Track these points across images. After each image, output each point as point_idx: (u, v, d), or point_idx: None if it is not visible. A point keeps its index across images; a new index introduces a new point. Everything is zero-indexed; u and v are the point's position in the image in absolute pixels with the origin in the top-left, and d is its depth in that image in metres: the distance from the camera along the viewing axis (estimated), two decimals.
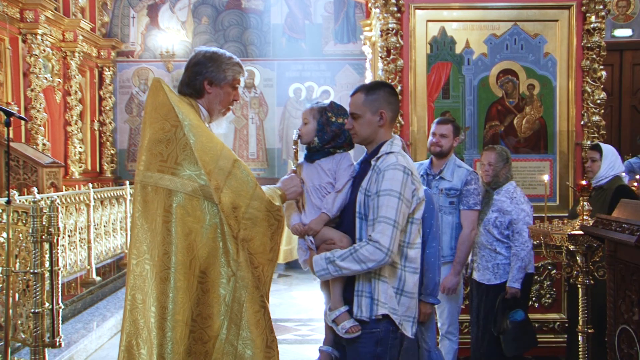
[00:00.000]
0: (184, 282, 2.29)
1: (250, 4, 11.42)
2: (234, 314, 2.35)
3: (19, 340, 4.02)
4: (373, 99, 2.57)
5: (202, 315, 2.33)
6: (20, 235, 3.95)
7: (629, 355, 2.55)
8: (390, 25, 5.03)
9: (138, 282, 2.37)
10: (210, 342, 2.34)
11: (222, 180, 2.34)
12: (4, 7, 8.02)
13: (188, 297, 2.29)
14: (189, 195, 2.30)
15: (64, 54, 9.77)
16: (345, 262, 2.40)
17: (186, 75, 2.56)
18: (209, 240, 2.32)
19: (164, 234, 2.30)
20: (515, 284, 4.11)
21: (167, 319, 2.27)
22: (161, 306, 2.28)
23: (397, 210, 2.40)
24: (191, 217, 2.31)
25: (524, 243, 4.12)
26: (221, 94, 2.55)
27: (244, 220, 2.35)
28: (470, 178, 4.04)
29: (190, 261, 2.30)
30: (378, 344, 2.49)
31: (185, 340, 2.29)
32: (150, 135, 2.39)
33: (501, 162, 4.24)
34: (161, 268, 2.29)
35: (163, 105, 2.38)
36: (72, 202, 6.39)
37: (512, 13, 5.13)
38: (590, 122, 5.05)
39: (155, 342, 2.28)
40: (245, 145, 11.44)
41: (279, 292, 7.80)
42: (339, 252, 2.44)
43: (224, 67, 2.53)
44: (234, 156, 2.41)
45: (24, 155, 7.47)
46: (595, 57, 5.04)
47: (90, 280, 6.76)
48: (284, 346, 5.45)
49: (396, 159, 2.48)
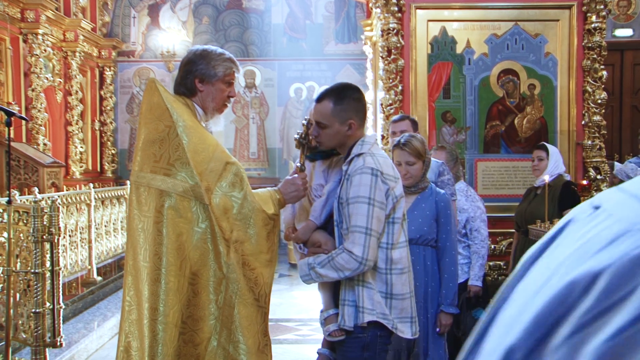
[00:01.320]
0: (175, 283, 2.27)
1: (251, 4, 11.42)
2: (225, 317, 2.32)
3: (20, 340, 4.02)
4: (341, 109, 2.43)
5: (193, 317, 2.31)
6: (21, 235, 3.95)
7: None
8: (391, 25, 5.03)
9: (134, 283, 2.37)
10: (202, 344, 2.31)
11: (213, 182, 2.32)
12: (5, 7, 8.02)
13: (178, 298, 2.28)
14: (181, 196, 2.29)
15: (65, 54, 9.77)
16: (324, 270, 2.35)
17: (179, 74, 2.54)
18: (199, 242, 2.30)
19: (154, 235, 2.29)
20: (478, 282, 4.06)
21: (158, 321, 2.26)
22: (152, 307, 2.27)
23: (367, 217, 2.30)
24: (182, 218, 2.29)
25: (483, 240, 4.07)
26: (213, 91, 2.50)
27: (236, 221, 2.33)
28: (443, 169, 3.89)
29: (181, 262, 2.29)
30: (365, 348, 2.42)
31: (175, 342, 2.27)
32: (144, 135, 2.39)
33: (452, 161, 4.16)
34: (152, 269, 2.28)
35: (157, 106, 2.38)
36: (73, 202, 6.40)
37: (512, 13, 5.13)
38: (591, 122, 5.05)
39: (146, 343, 2.28)
40: (246, 145, 11.44)
41: (280, 291, 7.80)
42: (320, 258, 2.38)
43: (213, 63, 2.48)
44: (227, 158, 2.39)
45: (25, 155, 7.48)
46: (596, 57, 5.04)
47: (91, 280, 6.76)
48: (284, 346, 5.45)
49: (363, 162, 2.36)
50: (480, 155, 5.14)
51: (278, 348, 5.39)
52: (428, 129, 5.13)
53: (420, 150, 3.15)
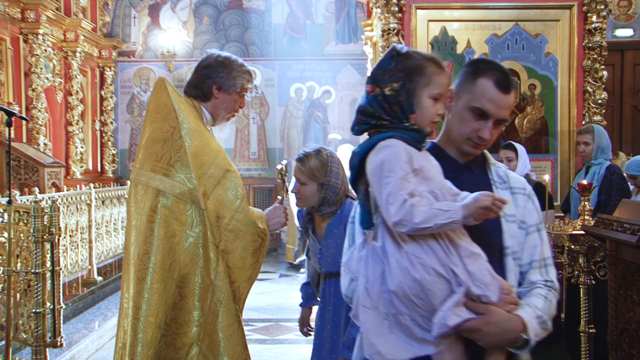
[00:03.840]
0: (161, 284, 2.25)
1: (252, 4, 11.42)
2: (208, 325, 2.30)
3: (20, 340, 4.02)
4: None
5: (178, 320, 2.28)
6: (22, 235, 3.95)
7: (630, 355, 2.55)
8: (391, 25, 5.03)
9: (126, 281, 2.37)
10: (183, 349, 2.28)
11: (210, 188, 2.31)
12: (5, 7, 8.02)
13: (163, 300, 2.25)
14: (177, 197, 2.28)
15: (65, 54, 9.77)
16: (548, 316, 1.75)
17: (195, 76, 2.52)
18: (191, 246, 2.29)
19: (146, 234, 2.28)
20: None
21: (140, 320, 2.24)
22: (135, 306, 2.26)
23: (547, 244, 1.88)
24: (176, 220, 2.28)
25: None
26: (228, 101, 2.52)
27: (226, 231, 2.32)
28: None
29: (170, 264, 2.27)
30: None
31: (156, 343, 2.24)
32: (148, 134, 2.38)
33: None
34: (140, 267, 2.27)
35: (164, 106, 2.38)
36: (73, 202, 6.40)
37: (513, 13, 5.13)
38: (591, 122, 5.05)
39: (128, 342, 2.26)
40: (247, 145, 11.45)
41: (280, 291, 7.79)
42: (539, 303, 1.74)
43: (234, 74, 2.50)
44: (227, 166, 2.38)
45: (25, 155, 7.48)
46: (596, 57, 5.04)
47: (91, 280, 6.76)
48: (284, 346, 5.45)
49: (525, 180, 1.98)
50: None
51: (278, 348, 5.39)
52: None
53: (315, 172, 2.63)
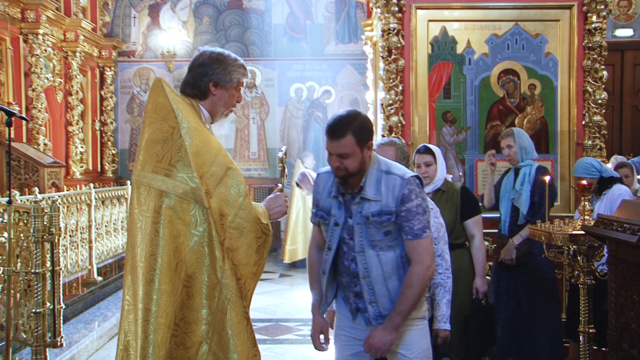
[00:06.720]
0: (169, 284, 2.26)
1: (252, 4, 11.42)
2: (217, 322, 2.31)
3: (20, 340, 4.02)
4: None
5: (186, 320, 2.29)
6: (22, 235, 3.95)
7: (631, 355, 2.55)
8: (391, 25, 5.03)
9: (133, 282, 2.36)
10: (193, 348, 2.29)
11: (212, 186, 2.31)
12: (5, 7, 8.02)
13: (172, 300, 2.26)
14: (180, 197, 2.28)
15: (65, 54, 9.77)
16: None
17: (190, 75, 2.52)
18: (196, 245, 2.29)
19: (152, 235, 2.28)
20: (446, 325, 3.06)
21: (150, 322, 2.25)
22: (145, 308, 2.26)
23: None
24: (180, 219, 2.28)
25: (448, 269, 3.12)
26: (226, 96, 2.52)
27: (230, 229, 2.32)
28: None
29: (177, 264, 2.27)
30: None
31: (167, 344, 2.25)
32: (148, 135, 2.38)
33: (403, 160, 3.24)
34: (147, 269, 2.27)
35: (163, 107, 2.37)
36: (73, 202, 6.40)
37: (513, 13, 5.13)
38: (591, 122, 5.05)
39: (139, 344, 2.27)
40: (247, 145, 11.45)
41: (280, 291, 7.80)
42: None
43: (230, 69, 2.49)
44: (228, 163, 2.38)
45: (25, 155, 7.47)
46: (596, 57, 5.04)
47: (91, 280, 6.76)
48: (285, 346, 5.45)
49: None
50: (480, 155, 5.14)
51: (278, 348, 5.39)
52: (428, 129, 5.13)
53: None
